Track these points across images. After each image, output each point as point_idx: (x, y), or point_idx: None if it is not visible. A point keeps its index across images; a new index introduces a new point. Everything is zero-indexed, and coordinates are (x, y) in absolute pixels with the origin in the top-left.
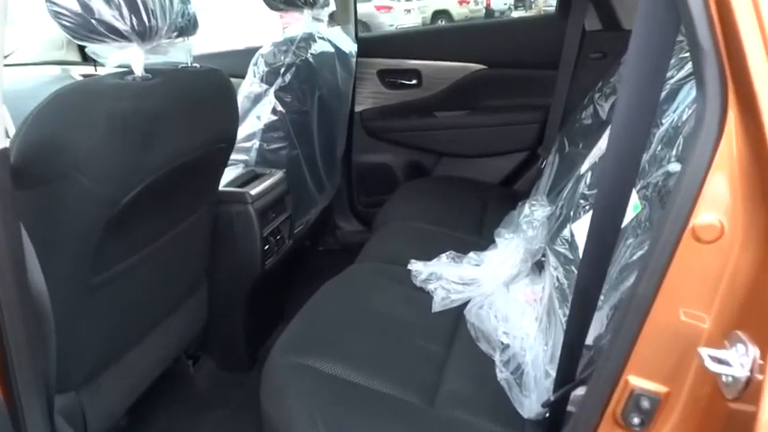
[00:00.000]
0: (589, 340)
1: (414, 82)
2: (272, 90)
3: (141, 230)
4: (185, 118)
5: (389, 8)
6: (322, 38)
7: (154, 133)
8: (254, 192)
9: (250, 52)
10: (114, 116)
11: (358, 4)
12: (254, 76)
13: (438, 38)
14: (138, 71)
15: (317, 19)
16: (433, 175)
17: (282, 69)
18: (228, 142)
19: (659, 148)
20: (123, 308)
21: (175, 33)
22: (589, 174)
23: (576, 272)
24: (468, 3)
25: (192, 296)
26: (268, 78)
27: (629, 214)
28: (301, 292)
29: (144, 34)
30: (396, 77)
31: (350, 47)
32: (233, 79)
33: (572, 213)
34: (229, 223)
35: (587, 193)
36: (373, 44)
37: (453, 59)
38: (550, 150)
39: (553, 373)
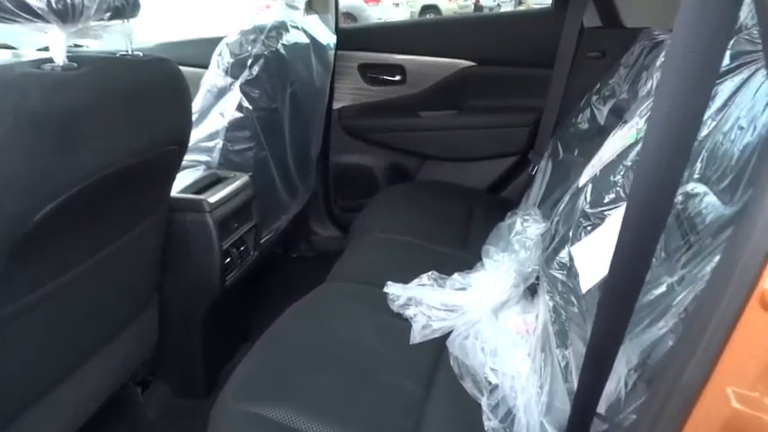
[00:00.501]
0: (601, 408)
1: (397, 78)
2: (237, 84)
3: (67, 250)
4: (121, 116)
5: (378, 1)
6: (296, 27)
7: (76, 134)
8: (213, 199)
9: (215, 41)
10: (22, 112)
11: None
12: (218, 68)
13: (424, 31)
14: (59, 59)
15: (291, 6)
16: (416, 178)
17: (250, 61)
18: (180, 143)
19: None
20: (47, 339)
21: (108, 14)
22: (589, 188)
23: (575, 301)
24: None
25: (140, 317)
26: (233, 71)
27: (627, 140)
28: (271, 306)
29: (65, 14)
30: (378, 73)
31: (328, 38)
32: (197, 70)
33: (570, 233)
34: (183, 234)
35: (589, 211)
36: (354, 36)
37: (440, 55)
38: (543, 156)
39: (551, 430)
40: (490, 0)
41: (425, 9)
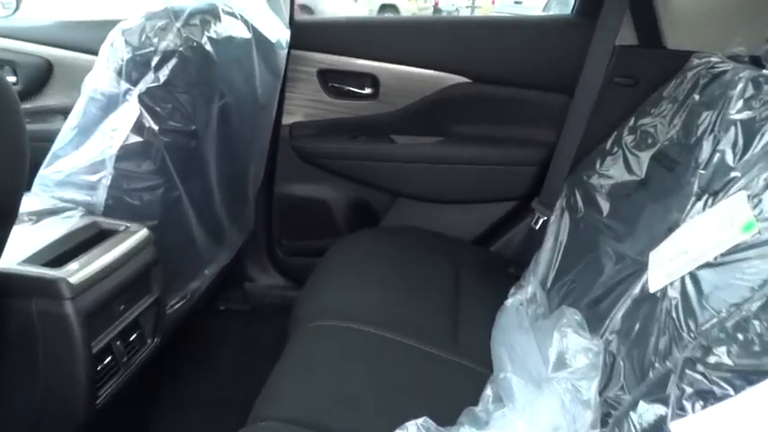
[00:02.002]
0: None
1: (367, 91)
2: (135, 92)
3: None
4: None
5: None
6: (232, 14)
7: None
8: (78, 276)
9: (110, 25)
10: None
11: None
12: (108, 66)
13: (406, 34)
14: None
15: None
16: (384, 220)
17: (155, 59)
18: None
19: None
20: None
21: None
22: (680, 307)
23: None
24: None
25: None
26: (130, 72)
27: (735, 234)
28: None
29: None
30: (343, 82)
31: (278, 33)
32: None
33: (652, 382)
34: (26, 333)
35: (703, 369)
36: (314, 32)
37: (425, 66)
38: (551, 205)
39: None
40: (449, 4)
41: (384, 8)
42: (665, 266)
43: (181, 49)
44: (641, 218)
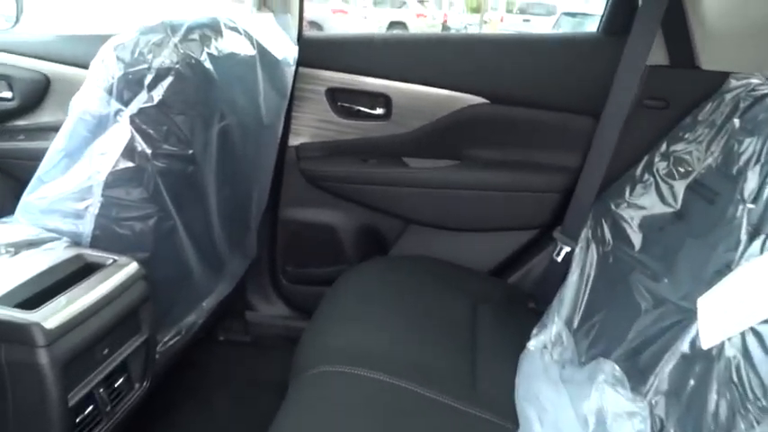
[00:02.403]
0: None
1: (379, 111)
2: (126, 113)
3: None
4: None
5: (345, 12)
6: (235, 29)
7: None
8: (53, 321)
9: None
10: None
11: (315, 5)
12: (98, 85)
13: (420, 51)
14: None
15: None
16: (395, 249)
17: (149, 77)
18: None
19: None
20: None
21: None
22: (752, 376)
23: None
24: (425, 16)
25: None
26: (121, 91)
27: None
28: None
29: None
30: (353, 101)
31: (285, 50)
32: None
33: None
34: None
35: None
36: (323, 49)
37: (440, 85)
38: (575, 236)
39: None
40: (457, 21)
41: (393, 25)
42: (720, 318)
43: (177, 66)
44: (680, 255)
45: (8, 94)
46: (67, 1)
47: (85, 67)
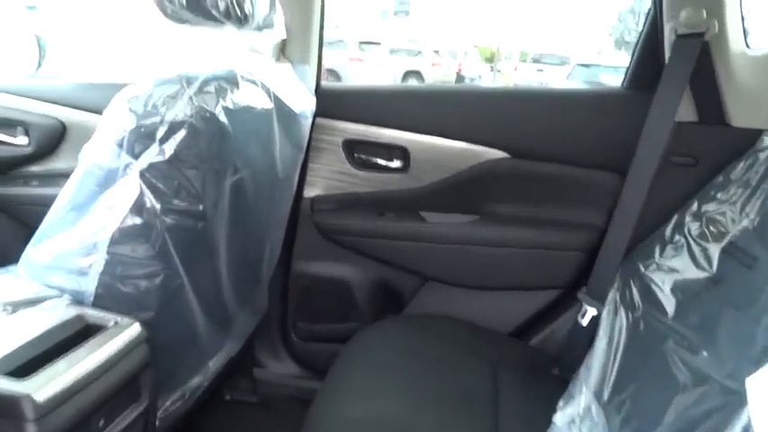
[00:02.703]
0: None
1: (396, 164)
2: (136, 167)
3: None
4: None
5: (361, 61)
6: (252, 82)
7: None
8: (44, 392)
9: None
10: None
11: (333, 53)
12: (109, 137)
13: (439, 103)
14: None
15: (252, 49)
16: (411, 306)
17: (162, 131)
18: None
19: None
20: None
21: None
22: None
23: None
24: (440, 66)
25: None
26: (132, 144)
27: None
28: None
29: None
30: (370, 154)
31: (303, 102)
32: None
33: None
34: None
35: None
36: (341, 100)
37: (460, 138)
38: (601, 297)
39: None
40: (472, 71)
41: (408, 74)
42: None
43: (191, 119)
44: (720, 326)
45: (24, 140)
46: (89, 47)
47: (100, 113)
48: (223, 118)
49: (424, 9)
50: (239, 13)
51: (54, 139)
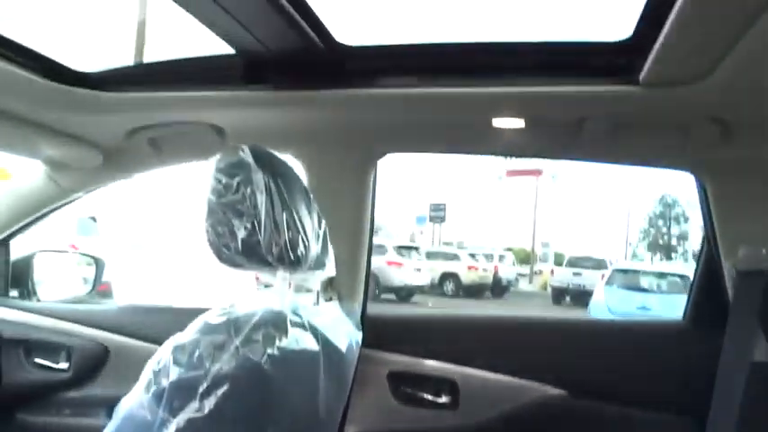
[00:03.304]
0: None
1: (444, 399)
2: (173, 426)
3: None
4: None
5: (400, 264)
6: (302, 325)
7: None
8: None
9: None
10: None
11: (372, 258)
12: (148, 388)
13: (491, 334)
14: None
15: (302, 288)
16: None
17: (203, 386)
18: None
19: None
20: None
21: None
22: None
23: None
24: (476, 269)
25: None
26: (172, 399)
27: None
28: None
29: None
30: (416, 387)
31: (349, 336)
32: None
33: None
34: None
35: None
36: (387, 329)
37: (512, 372)
38: None
39: None
40: (509, 272)
41: (445, 276)
42: None
43: (235, 371)
44: None
45: (64, 365)
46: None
47: (144, 338)
48: (267, 367)
49: (457, 214)
50: (292, 257)
51: (95, 364)
